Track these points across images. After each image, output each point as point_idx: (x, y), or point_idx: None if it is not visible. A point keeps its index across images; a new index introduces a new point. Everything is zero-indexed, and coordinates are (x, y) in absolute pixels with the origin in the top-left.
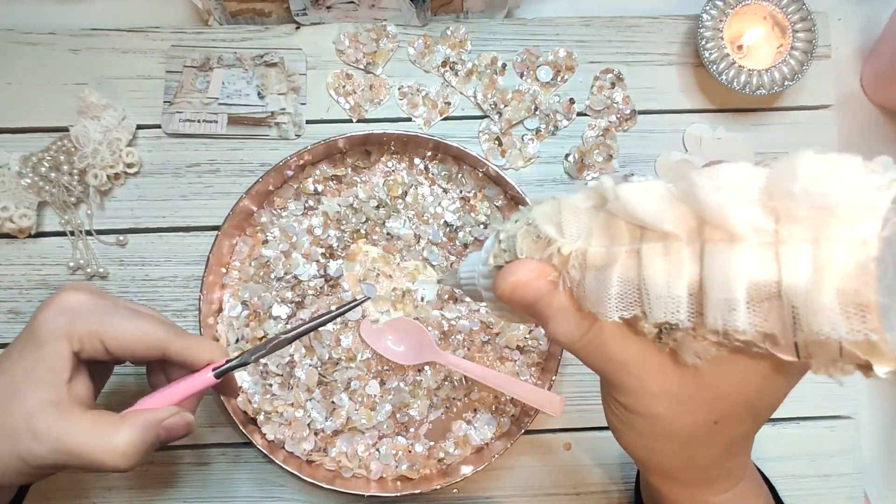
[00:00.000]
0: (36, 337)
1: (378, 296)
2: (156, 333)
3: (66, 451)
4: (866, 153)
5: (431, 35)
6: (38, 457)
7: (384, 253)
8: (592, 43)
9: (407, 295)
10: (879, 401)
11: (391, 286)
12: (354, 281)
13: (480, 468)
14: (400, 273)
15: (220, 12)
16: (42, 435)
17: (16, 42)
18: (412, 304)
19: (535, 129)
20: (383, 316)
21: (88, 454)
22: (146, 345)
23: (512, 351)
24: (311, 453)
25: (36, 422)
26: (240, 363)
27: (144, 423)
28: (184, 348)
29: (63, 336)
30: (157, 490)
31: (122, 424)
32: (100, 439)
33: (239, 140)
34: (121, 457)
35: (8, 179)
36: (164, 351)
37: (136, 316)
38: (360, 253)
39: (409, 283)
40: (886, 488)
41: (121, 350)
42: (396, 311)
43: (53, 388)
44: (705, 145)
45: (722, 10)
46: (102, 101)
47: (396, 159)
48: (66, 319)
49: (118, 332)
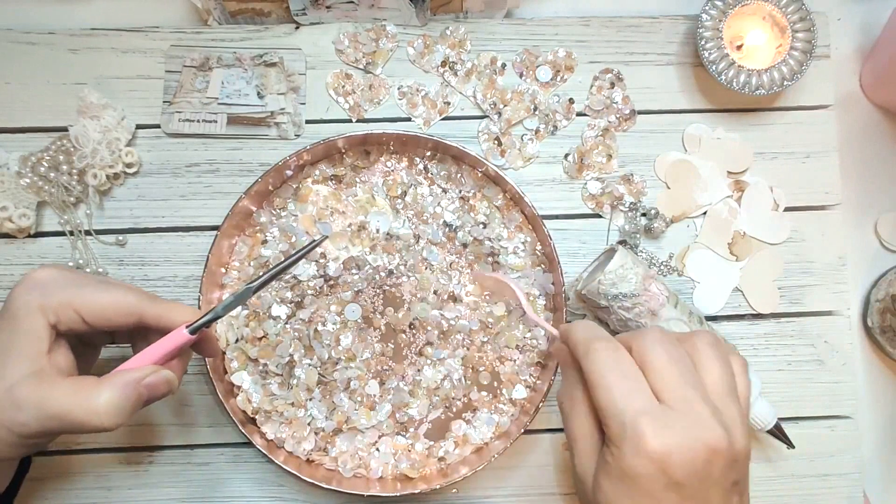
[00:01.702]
0: (11, 314)
1: (334, 232)
2: (129, 299)
3: (49, 415)
4: (866, 153)
5: (431, 35)
6: (23, 425)
7: (334, 190)
8: (592, 43)
9: (363, 229)
10: (879, 401)
11: (346, 222)
12: (310, 221)
13: (480, 468)
14: (352, 207)
15: (220, 12)
16: (24, 403)
17: (15, 42)
18: (368, 238)
19: (535, 129)
20: (342, 253)
21: (72, 416)
22: (121, 311)
23: (511, 351)
24: (311, 453)
25: (17, 391)
26: (213, 317)
27: (124, 382)
28: (159, 312)
29: (37, 309)
30: (155, 490)
31: (102, 385)
32: (81, 401)
33: (238, 140)
34: (104, 416)
35: (7, 179)
36: (139, 316)
37: (107, 285)
38: (311, 193)
39: (362, 216)
40: (885, 488)
41: (96, 318)
42: (354, 247)
43: (32, 359)
44: (705, 145)
45: (721, 10)
46: (102, 101)
47: (396, 159)
48: (38, 293)
49: (91, 300)
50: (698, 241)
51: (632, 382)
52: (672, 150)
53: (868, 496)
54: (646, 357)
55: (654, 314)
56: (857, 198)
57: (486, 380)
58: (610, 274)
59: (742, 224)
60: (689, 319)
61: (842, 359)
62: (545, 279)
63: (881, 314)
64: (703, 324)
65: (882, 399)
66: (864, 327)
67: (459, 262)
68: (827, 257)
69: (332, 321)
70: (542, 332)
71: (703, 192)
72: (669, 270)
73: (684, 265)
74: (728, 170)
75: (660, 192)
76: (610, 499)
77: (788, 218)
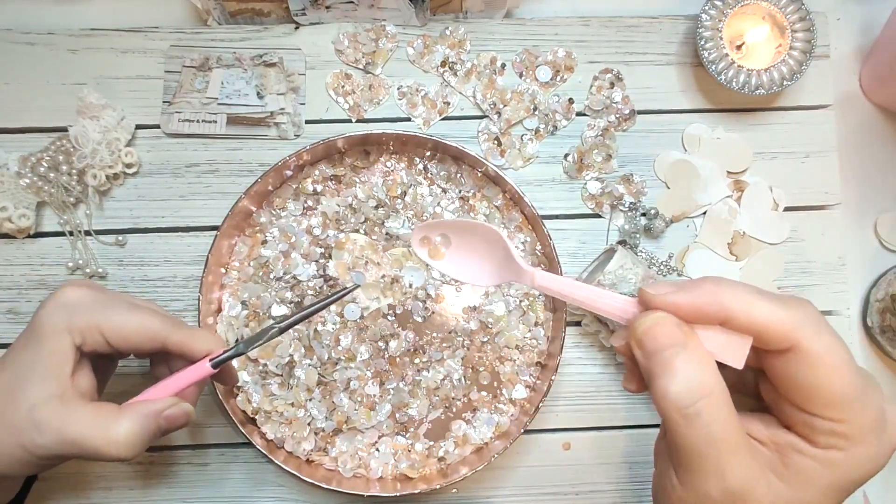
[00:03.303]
0: (38, 333)
1: (367, 283)
2: (154, 325)
3: (68, 441)
4: (865, 153)
5: (431, 35)
6: (41, 447)
7: (371, 241)
8: (591, 43)
9: (395, 282)
10: None
11: (380, 273)
12: (344, 269)
13: (480, 468)
14: (388, 260)
15: (220, 12)
16: (45, 426)
17: (14, 42)
18: (401, 291)
19: (535, 128)
20: (373, 303)
21: (90, 444)
22: (145, 336)
23: (511, 351)
24: (311, 453)
25: (39, 413)
26: (235, 353)
27: (144, 414)
28: (182, 339)
29: (64, 330)
30: (156, 490)
31: (122, 415)
32: (101, 429)
33: (238, 140)
34: (122, 446)
35: (7, 179)
36: (163, 342)
37: (135, 309)
38: (347, 242)
39: (397, 270)
40: (886, 488)
41: (121, 342)
42: (386, 298)
43: (56, 380)
44: (704, 145)
45: (721, 10)
46: (101, 101)
47: (395, 159)
48: (66, 314)
49: (118, 324)
50: (698, 241)
51: None
52: (672, 150)
53: (868, 496)
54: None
55: None
56: (857, 197)
57: (486, 380)
58: (609, 274)
59: (742, 224)
60: None
61: None
62: None
63: (881, 314)
64: None
65: None
66: (863, 327)
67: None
68: (827, 257)
69: (331, 321)
70: (542, 333)
71: (702, 192)
72: (669, 270)
73: (684, 265)
74: (728, 170)
75: (659, 192)
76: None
77: (788, 218)
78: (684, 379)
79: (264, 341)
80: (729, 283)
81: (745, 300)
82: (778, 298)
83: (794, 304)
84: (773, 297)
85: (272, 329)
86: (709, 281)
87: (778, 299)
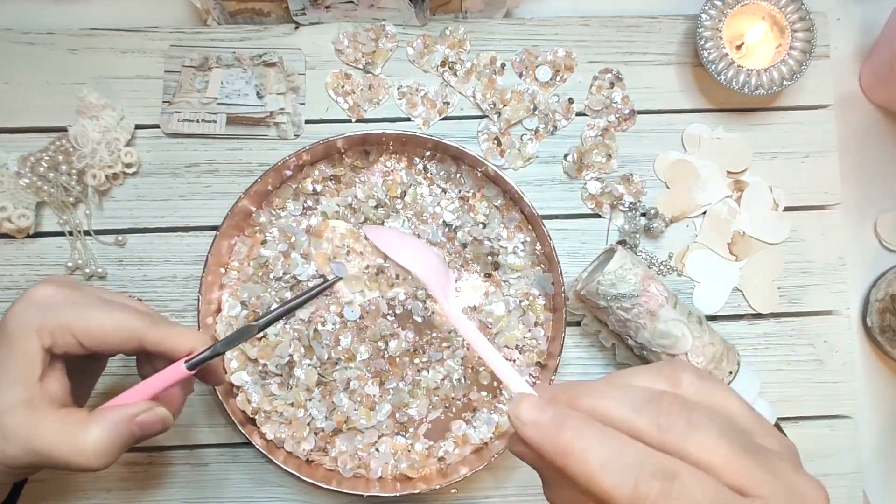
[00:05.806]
0: (7, 333)
1: (350, 275)
2: (130, 323)
3: (34, 451)
4: (865, 153)
5: (430, 35)
6: (10, 457)
7: (353, 228)
8: (591, 43)
9: (381, 272)
10: (878, 401)
11: (363, 264)
12: (324, 260)
13: (480, 468)
14: (371, 249)
15: (219, 12)
16: (11, 435)
17: (14, 42)
18: (387, 283)
19: (534, 128)
20: (357, 297)
21: (57, 454)
22: (121, 336)
23: (511, 351)
24: (311, 453)
25: (5, 421)
26: (213, 353)
27: (115, 420)
28: (160, 339)
29: (33, 331)
30: (155, 490)
31: (91, 422)
32: (68, 439)
33: (238, 140)
34: (91, 456)
35: (6, 179)
36: (139, 342)
37: (109, 307)
38: (327, 229)
39: (381, 260)
40: (885, 488)
41: (94, 343)
42: (371, 291)
43: (23, 386)
44: (704, 145)
45: (721, 9)
46: (101, 101)
47: (395, 159)
48: (36, 314)
49: (90, 324)
50: (698, 241)
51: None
52: (672, 150)
53: (868, 496)
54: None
55: (653, 314)
56: (857, 198)
57: (486, 380)
58: (609, 274)
59: (742, 224)
60: (689, 320)
61: (841, 358)
62: (544, 279)
63: (881, 314)
64: (703, 324)
65: (881, 399)
66: (863, 327)
67: (457, 261)
68: (826, 257)
69: (331, 321)
70: (542, 333)
71: (702, 191)
72: (669, 270)
73: (684, 265)
74: (727, 169)
75: (659, 192)
76: None
77: (788, 218)
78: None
79: (241, 340)
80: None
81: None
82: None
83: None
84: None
85: (249, 327)
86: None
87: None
